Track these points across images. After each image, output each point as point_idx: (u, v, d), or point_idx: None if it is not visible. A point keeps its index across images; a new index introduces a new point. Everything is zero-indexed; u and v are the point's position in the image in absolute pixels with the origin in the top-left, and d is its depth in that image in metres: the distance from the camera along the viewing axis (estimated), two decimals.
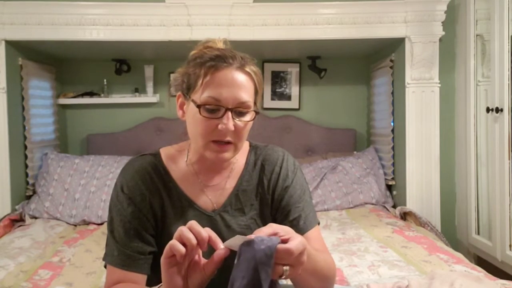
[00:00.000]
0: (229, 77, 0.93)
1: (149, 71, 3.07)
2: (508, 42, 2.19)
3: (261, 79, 1.01)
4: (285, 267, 0.76)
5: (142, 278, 0.98)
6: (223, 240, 0.81)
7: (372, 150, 3.00)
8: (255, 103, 0.99)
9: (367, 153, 2.97)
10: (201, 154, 0.99)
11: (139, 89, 3.11)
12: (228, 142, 0.95)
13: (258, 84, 1.00)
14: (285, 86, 3.24)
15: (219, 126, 0.93)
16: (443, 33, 2.56)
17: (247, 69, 0.96)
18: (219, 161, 0.99)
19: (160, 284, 0.84)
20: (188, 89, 0.98)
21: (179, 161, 1.06)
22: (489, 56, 2.41)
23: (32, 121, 2.63)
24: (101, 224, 2.48)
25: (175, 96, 1.04)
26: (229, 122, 0.92)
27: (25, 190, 2.66)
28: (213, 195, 1.05)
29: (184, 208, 1.03)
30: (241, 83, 0.94)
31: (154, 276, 1.00)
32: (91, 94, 3.06)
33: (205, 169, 1.05)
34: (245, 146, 1.11)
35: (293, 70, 3.22)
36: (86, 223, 2.51)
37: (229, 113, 0.93)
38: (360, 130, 3.26)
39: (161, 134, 3.06)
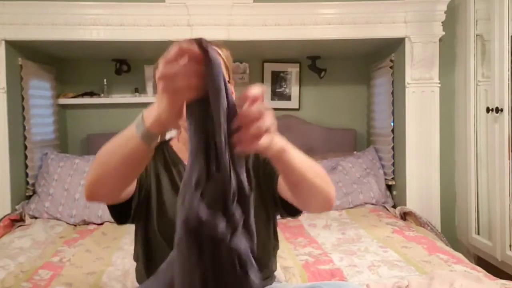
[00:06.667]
0: None
1: (149, 71, 3.06)
2: (508, 42, 2.19)
3: (228, 55, 1.12)
4: None
5: None
6: None
7: (372, 150, 3.00)
8: (229, 77, 1.09)
9: (367, 153, 2.97)
10: None
11: (139, 89, 3.11)
12: None
13: (227, 59, 1.11)
14: (285, 86, 3.24)
15: None
16: (443, 33, 2.56)
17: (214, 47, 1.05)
18: None
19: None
20: None
21: (174, 141, 1.24)
22: (489, 56, 2.41)
23: (32, 121, 2.63)
24: (101, 224, 2.48)
25: None
26: None
27: (25, 190, 2.66)
28: None
29: (174, 164, 1.17)
30: None
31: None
32: (91, 94, 3.06)
33: None
34: None
35: (293, 70, 3.22)
36: (86, 223, 2.51)
37: None
38: (360, 130, 3.26)
39: None
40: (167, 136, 1.22)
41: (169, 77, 0.68)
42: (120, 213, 1.09)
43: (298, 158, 0.87)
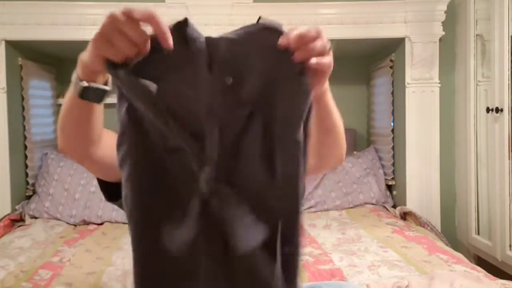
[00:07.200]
0: None
1: None
2: (508, 42, 2.19)
3: None
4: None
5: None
6: None
7: (372, 150, 3.00)
8: None
9: (367, 153, 2.97)
10: None
11: None
12: None
13: None
14: None
15: None
16: (443, 33, 2.56)
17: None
18: None
19: None
20: None
21: None
22: (489, 56, 2.41)
23: (32, 121, 2.63)
24: (101, 224, 2.48)
25: None
26: None
27: (25, 190, 2.66)
28: None
29: None
30: None
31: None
32: None
33: None
34: None
35: None
36: (86, 223, 2.51)
37: None
38: (360, 130, 3.26)
39: None
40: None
41: (108, 27, 0.70)
42: (111, 190, 1.09)
43: (334, 106, 0.91)
